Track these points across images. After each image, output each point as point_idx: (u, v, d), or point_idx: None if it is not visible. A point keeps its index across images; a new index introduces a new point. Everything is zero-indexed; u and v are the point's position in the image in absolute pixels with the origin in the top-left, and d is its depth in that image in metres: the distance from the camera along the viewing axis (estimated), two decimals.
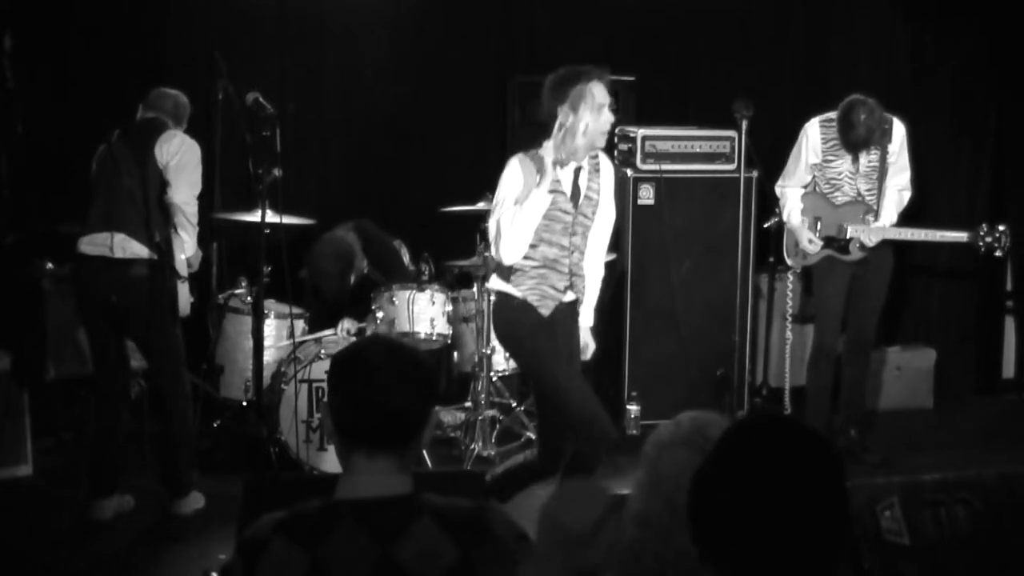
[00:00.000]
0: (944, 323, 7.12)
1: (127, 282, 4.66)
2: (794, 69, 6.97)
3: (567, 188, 4.23)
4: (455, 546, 1.93)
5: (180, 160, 4.70)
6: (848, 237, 5.40)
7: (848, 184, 5.43)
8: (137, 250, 4.66)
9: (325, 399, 2.08)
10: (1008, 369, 7.26)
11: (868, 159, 5.40)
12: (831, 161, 5.44)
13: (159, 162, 4.70)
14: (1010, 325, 7.21)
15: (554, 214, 4.20)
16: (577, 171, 4.25)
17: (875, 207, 5.41)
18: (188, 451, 4.95)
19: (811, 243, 5.45)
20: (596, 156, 4.33)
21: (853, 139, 5.27)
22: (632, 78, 6.28)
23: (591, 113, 4.11)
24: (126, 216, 4.67)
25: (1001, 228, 5.31)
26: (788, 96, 6.78)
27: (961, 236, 5.40)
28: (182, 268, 4.78)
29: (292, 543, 1.93)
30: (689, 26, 6.78)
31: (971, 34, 6.95)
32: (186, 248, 4.77)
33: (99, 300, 4.72)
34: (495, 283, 4.37)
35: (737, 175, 5.82)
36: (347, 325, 5.75)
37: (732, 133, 5.79)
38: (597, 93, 4.13)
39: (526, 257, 4.22)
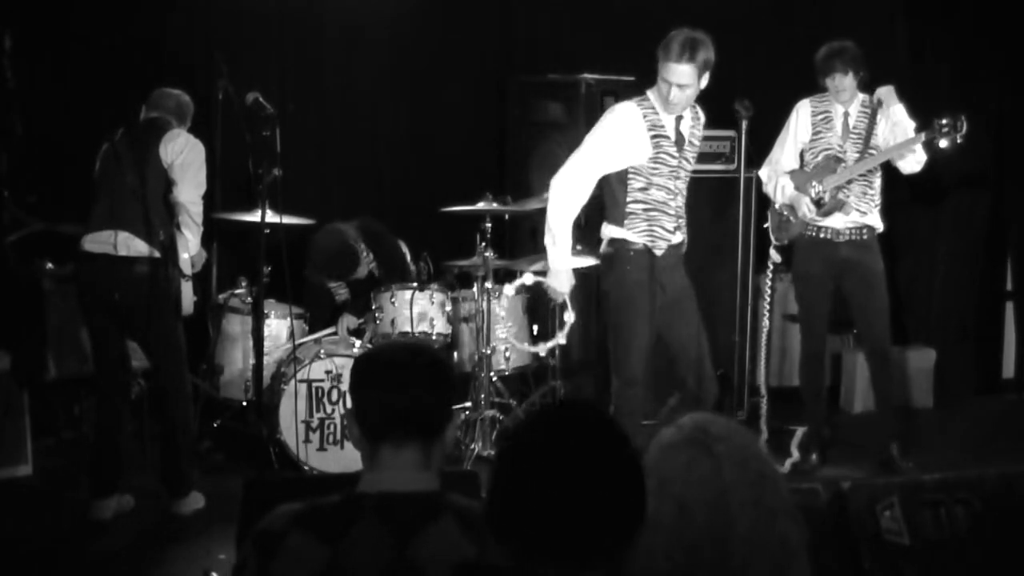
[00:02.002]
0: (944, 323, 7.12)
1: (130, 280, 4.66)
2: (794, 68, 6.95)
3: (671, 134, 4.53)
4: (472, 545, 1.92)
5: (185, 159, 4.71)
6: (820, 192, 5.29)
7: (836, 156, 5.31)
8: (140, 248, 4.66)
9: (348, 407, 2.09)
10: (1008, 369, 7.26)
11: (854, 125, 5.31)
12: (820, 134, 5.37)
13: (164, 161, 4.70)
14: (1010, 325, 7.22)
15: (661, 158, 4.52)
16: (678, 119, 4.55)
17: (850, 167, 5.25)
18: (189, 451, 4.95)
19: (810, 210, 5.33)
20: (695, 105, 4.63)
21: (849, 50, 5.24)
22: (632, 78, 6.27)
23: (665, 83, 4.44)
24: (129, 214, 4.67)
25: (955, 114, 4.95)
26: (788, 96, 6.76)
27: (919, 137, 5.06)
28: (186, 267, 4.78)
29: (311, 536, 1.92)
30: (689, 26, 6.76)
31: (971, 34, 6.95)
32: (190, 247, 4.77)
33: (102, 298, 4.71)
34: (607, 230, 4.59)
35: (737, 175, 5.82)
36: (347, 322, 5.77)
37: (732, 133, 5.80)
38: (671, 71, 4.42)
39: (637, 201, 4.52)
